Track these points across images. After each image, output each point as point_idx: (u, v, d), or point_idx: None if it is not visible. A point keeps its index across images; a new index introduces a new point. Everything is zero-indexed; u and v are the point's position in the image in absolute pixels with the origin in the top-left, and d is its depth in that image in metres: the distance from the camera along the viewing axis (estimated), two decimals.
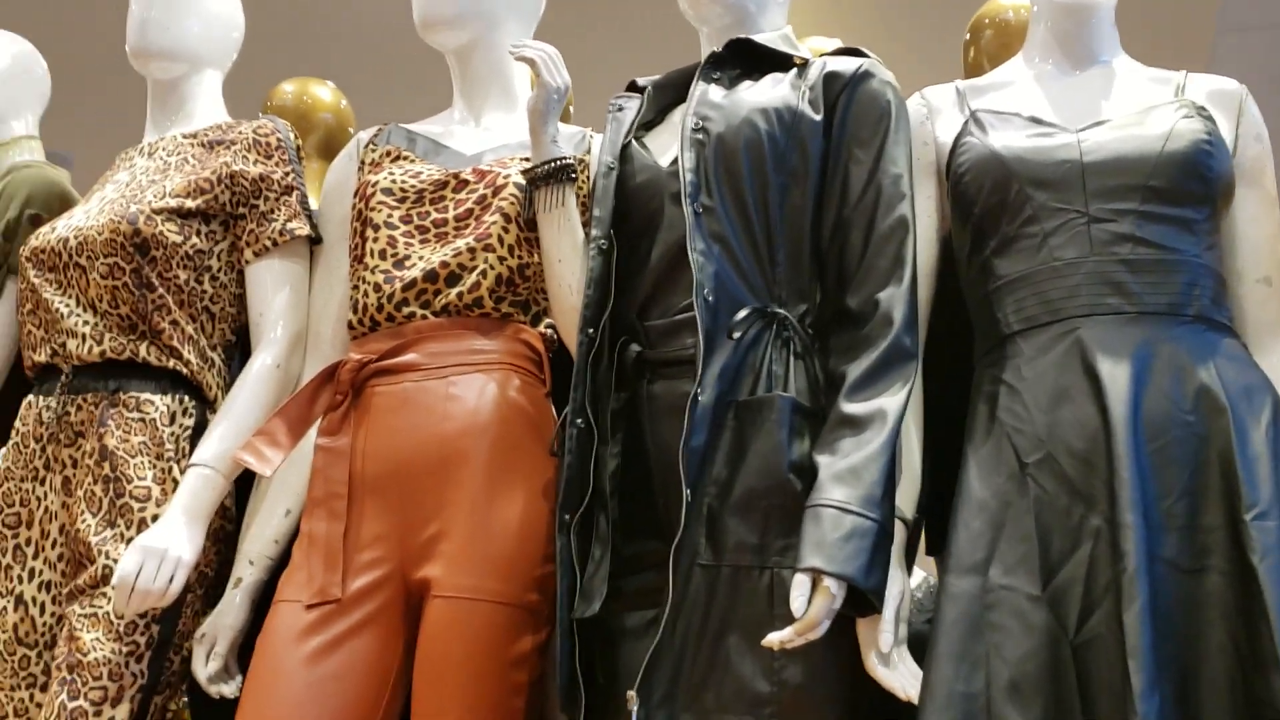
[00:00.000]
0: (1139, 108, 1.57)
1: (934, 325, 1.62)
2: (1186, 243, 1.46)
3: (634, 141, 1.71)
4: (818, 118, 1.59)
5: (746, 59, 1.70)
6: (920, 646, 1.44)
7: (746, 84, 1.67)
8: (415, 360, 1.68)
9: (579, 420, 1.56)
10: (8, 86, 2.22)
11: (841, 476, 1.39)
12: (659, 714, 1.42)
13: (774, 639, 1.34)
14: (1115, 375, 1.37)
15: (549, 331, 1.76)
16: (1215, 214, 1.51)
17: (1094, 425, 1.37)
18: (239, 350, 1.96)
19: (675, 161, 1.61)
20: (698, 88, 1.67)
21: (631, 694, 1.41)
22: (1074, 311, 1.43)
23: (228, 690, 1.69)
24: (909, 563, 1.57)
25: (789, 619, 1.36)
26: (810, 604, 1.34)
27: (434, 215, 1.75)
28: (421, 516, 1.61)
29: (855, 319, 1.50)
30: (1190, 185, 1.47)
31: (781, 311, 1.52)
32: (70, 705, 1.61)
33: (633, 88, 1.83)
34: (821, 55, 1.69)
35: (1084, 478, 1.36)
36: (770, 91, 1.63)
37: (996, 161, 1.52)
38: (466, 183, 1.77)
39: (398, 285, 1.71)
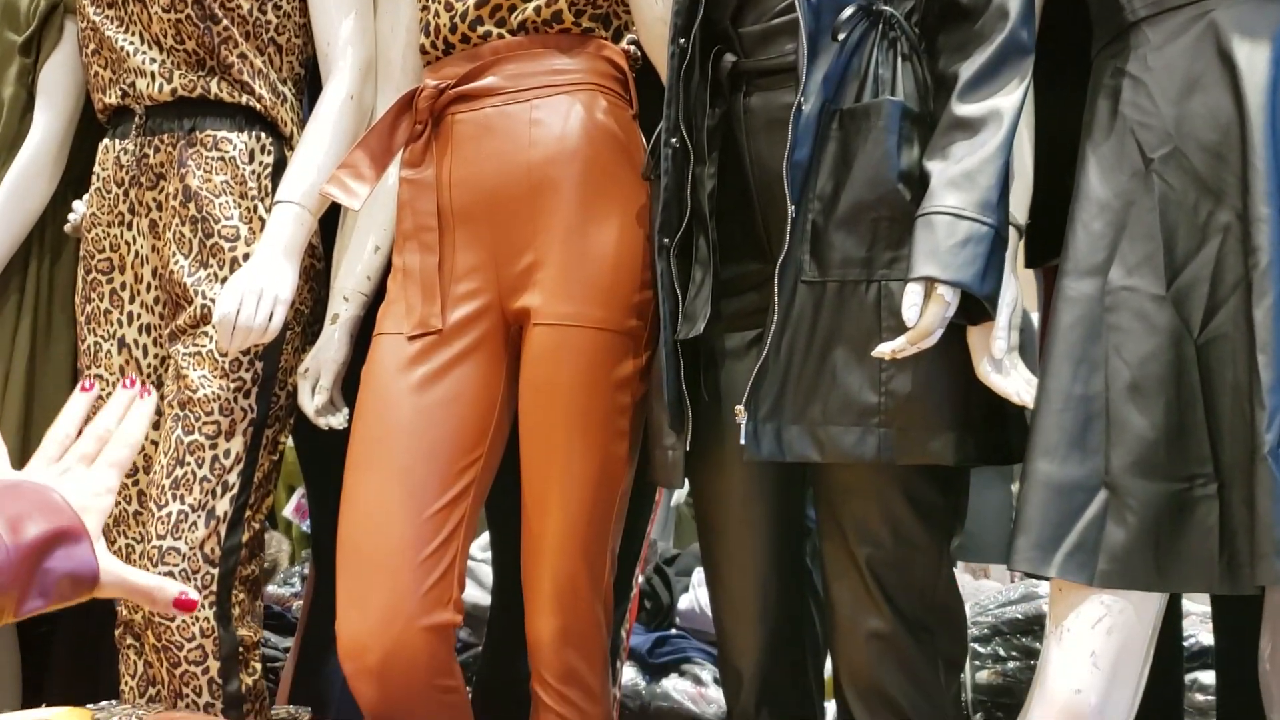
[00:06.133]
0: None
1: (1047, 15, 1.51)
2: None
3: None
4: None
5: None
6: None
7: None
8: (495, 84, 1.62)
9: (673, 139, 1.50)
10: None
11: (955, 181, 1.33)
12: (766, 427, 1.42)
13: (885, 349, 1.33)
14: (1253, 60, 1.28)
15: (632, 48, 1.68)
16: None
17: (1227, 115, 1.28)
18: (308, 86, 1.90)
19: None
20: None
21: (739, 408, 1.42)
22: None
23: (335, 422, 1.72)
24: None
25: (897, 331, 1.34)
26: (923, 313, 1.32)
27: None
28: (515, 246, 1.59)
29: (966, 13, 1.40)
30: None
31: (887, 9, 1.42)
32: (187, 440, 1.66)
33: None
34: None
35: (1214, 171, 1.29)
36: None
37: None
38: None
39: (470, 2, 1.62)
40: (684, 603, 2.43)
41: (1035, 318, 2.61)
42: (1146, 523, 1.24)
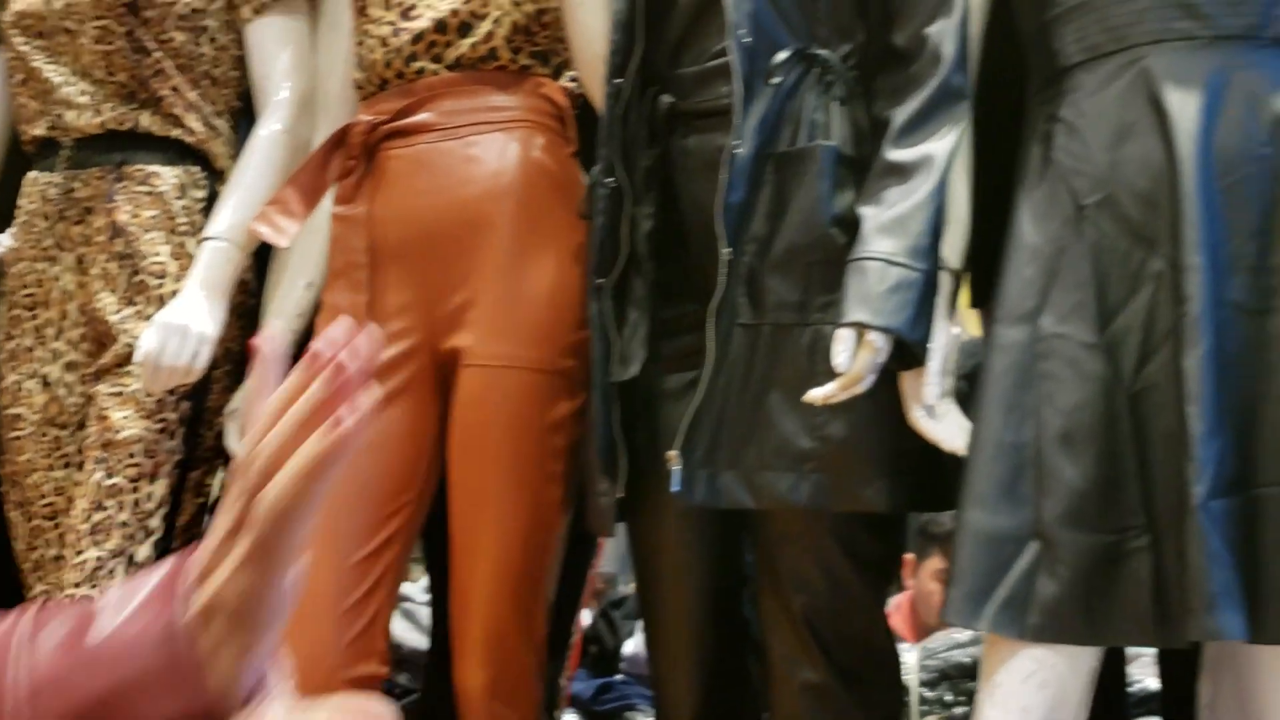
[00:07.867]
0: None
1: (984, 62, 1.50)
2: None
3: None
4: None
5: None
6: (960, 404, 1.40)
7: None
8: (429, 120, 1.59)
9: (608, 179, 1.48)
10: None
11: (887, 227, 1.32)
12: (700, 472, 1.40)
13: (817, 395, 1.31)
14: (1184, 107, 1.27)
15: (572, 85, 1.66)
16: None
17: (1159, 162, 1.27)
18: (244, 118, 1.87)
19: None
20: None
21: (673, 453, 1.39)
22: (1141, 38, 1.31)
23: None
24: None
25: (832, 375, 1.32)
26: (854, 359, 1.30)
27: None
28: (447, 285, 1.56)
29: (902, 57, 1.40)
30: None
31: (823, 53, 1.41)
32: (107, 483, 1.61)
33: None
34: None
35: (1147, 219, 1.28)
36: None
37: None
38: None
39: (405, 38, 1.59)
40: (629, 647, 2.39)
41: None
42: (1078, 575, 1.21)
